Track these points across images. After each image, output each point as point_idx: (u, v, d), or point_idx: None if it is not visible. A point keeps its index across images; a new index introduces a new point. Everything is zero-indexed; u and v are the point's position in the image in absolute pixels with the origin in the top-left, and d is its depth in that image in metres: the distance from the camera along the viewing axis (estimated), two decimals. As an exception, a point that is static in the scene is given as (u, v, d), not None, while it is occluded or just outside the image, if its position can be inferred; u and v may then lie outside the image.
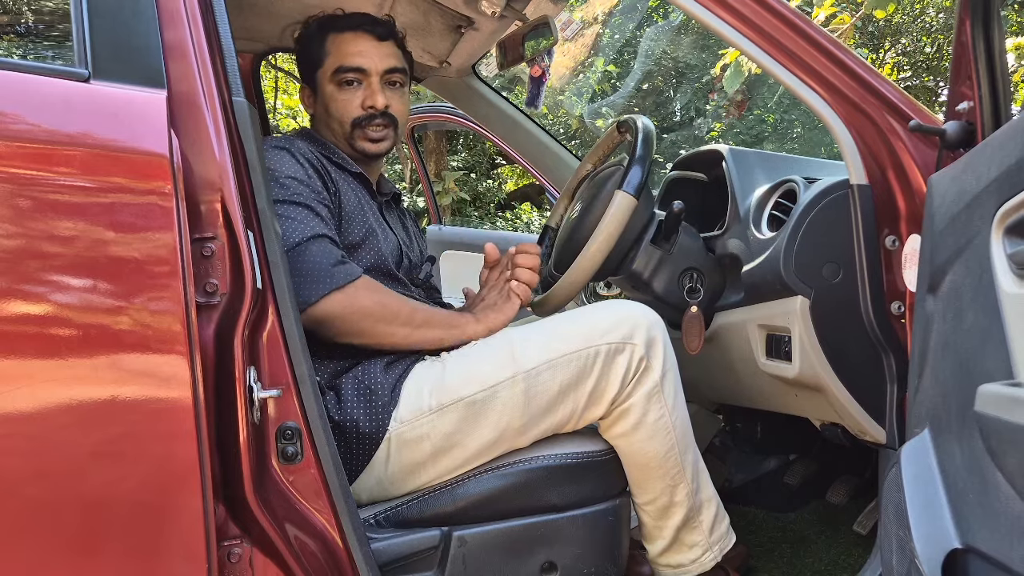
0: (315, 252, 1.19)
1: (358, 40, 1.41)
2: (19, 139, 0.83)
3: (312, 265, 1.18)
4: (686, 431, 1.27)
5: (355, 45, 1.41)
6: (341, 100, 1.41)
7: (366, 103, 1.40)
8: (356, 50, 1.40)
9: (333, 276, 1.19)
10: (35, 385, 0.81)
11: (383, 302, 1.25)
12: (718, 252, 1.53)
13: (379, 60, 1.41)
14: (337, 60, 1.40)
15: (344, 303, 1.19)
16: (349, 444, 1.19)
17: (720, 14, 1.22)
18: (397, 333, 1.25)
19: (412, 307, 1.28)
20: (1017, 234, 0.72)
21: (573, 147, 3.20)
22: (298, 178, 1.25)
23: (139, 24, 0.93)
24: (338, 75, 1.40)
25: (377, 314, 1.23)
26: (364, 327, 1.22)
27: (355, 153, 1.43)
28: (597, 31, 8.69)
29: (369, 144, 1.42)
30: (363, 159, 1.45)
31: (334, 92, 1.41)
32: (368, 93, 1.40)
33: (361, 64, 1.40)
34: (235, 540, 0.96)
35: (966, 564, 0.74)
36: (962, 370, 0.81)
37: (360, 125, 1.41)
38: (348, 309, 1.20)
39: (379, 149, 1.43)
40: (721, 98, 8.24)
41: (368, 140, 1.42)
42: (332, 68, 1.41)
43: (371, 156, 1.44)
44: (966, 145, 1.06)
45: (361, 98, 1.40)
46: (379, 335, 1.24)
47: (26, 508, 0.82)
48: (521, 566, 1.19)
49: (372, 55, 1.41)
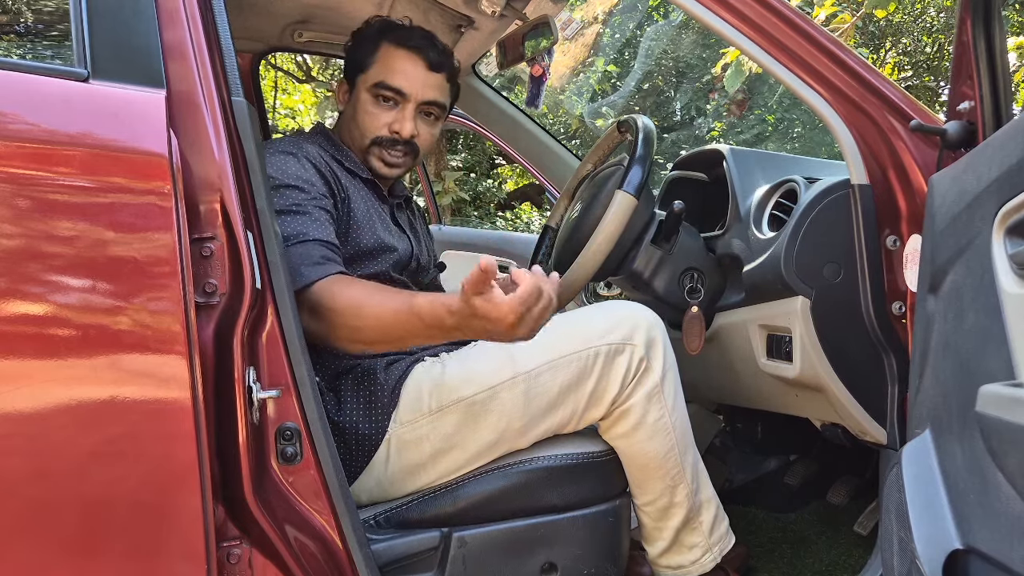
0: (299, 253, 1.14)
1: (410, 61, 1.35)
2: (19, 139, 0.83)
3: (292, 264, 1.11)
4: (686, 431, 1.27)
5: (405, 64, 1.35)
6: (371, 113, 1.35)
7: (393, 126, 1.35)
8: (403, 70, 1.34)
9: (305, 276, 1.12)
10: (35, 385, 0.81)
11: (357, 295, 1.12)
12: (719, 252, 1.53)
13: (422, 89, 1.35)
14: (381, 73, 1.35)
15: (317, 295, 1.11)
16: (349, 445, 1.19)
17: (720, 13, 1.21)
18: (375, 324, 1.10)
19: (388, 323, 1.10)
20: (1018, 234, 0.72)
21: (573, 147, 3.20)
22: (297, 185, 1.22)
23: (139, 24, 0.93)
24: (377, 88, 1.34)
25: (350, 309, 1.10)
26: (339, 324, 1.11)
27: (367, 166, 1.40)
28: (597, 31, 8.69)
29: (382, 166, 1.38)
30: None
31: (367, 103, 1.36)
32: (400, 117, 1.35)
33: (403, 87, 1.34)
34: (234, 541, 0.95)
35: (967, 565, 0.74)
36: (963, 370, 0.80)
37: (380, 144, 1.36)
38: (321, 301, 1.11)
39: (391, 174, 1.40)
40: (722, 98, 8.25)
41: (383, 162, 1.38)
42: (374, 79, 1.35)
43: (379, 177, 1.40)
44: (967, 145, 1.06)
45: (391, 119, 1.35)
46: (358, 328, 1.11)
47: (26, 508, 0.82)
48: (521, 567, 1.19)
49: (418, 81, 1.35)
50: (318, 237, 1.17)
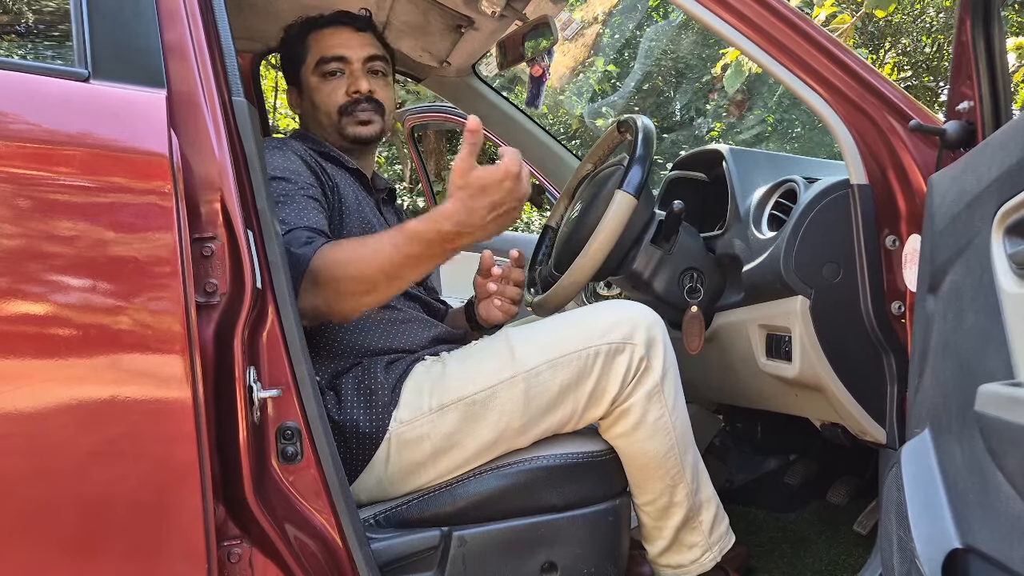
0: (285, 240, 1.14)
1: (337, 33, 1.45)
2: (19, 139, 0.83)
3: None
4: (686, 431, 1.27)
5: (335, 38, 1.45)
6: (326, 90, 1.44)
7: (350, 89, 1.43)
8: (336, 41, 1.44)
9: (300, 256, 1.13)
10: (35, 385, 0.81)
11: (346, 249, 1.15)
12: (718, 252, 1.53)
13: (359, 49, 1.45)
14: (318, 52, 1.44)
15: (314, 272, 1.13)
16: (349, 444, 1.19)
17: (720, 14, 1.21)
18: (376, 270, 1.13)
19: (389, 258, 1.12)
20: (1017, 234, 0.72)
21: (573, 147, 3.20)
22: (285, 176, 1.26)
23: (139, 24, 0.93)
24: (320, 66, 1.44)
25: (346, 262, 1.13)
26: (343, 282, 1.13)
27: (346, 143, 1.45)
28: (597, 31, 8.69)
29: (359, 127, 1.44)
30: (356, 149, 1.46)
31: (318, 84, 1.45)
32: (352, 80, 1.44)
33: (342, 53, 1.44)
34: (235, 540, 0.96)
35: (966, 564, 0.74)
36: (962, 370, 0.80)
37: (347, 112, 1.43)
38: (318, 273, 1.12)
39: (369, 132, 1.45)
40: (721, 98, 8.25)
41: (358, 123, 1.44)
42: (314, 61, 1.44)
43: (363, 140, 1.45)
44: (966, 145, 1.06)
45: (345, 85, 1.44)
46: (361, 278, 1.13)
47: (26, 508, 0.82)
48: (521, 566, 1.19)
49: (352, 44, 1.45)
50: (302, 224, 1.20)
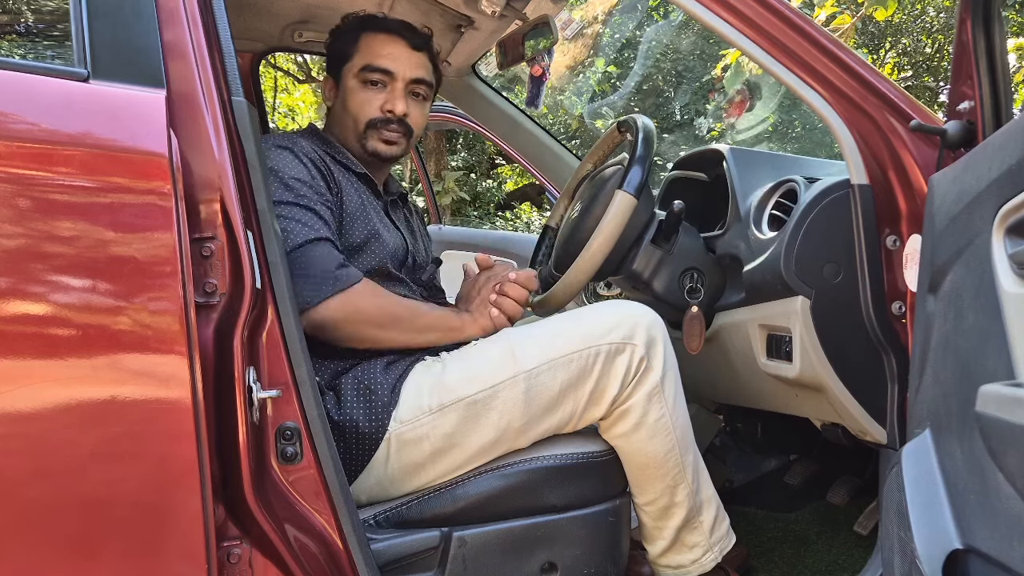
0: (317, 255, 1.19)
1: (391, 43, 1.40)
2: (19, 139, 0.83)
3: (314, 268, 1.18)
4: (686, 431, 1.27)
5: (387, 47, 1.39)
6: (362, 98, 1.39)
7: (385, 106, 1.38)
8: (387, 52, 1.39)
9: (336, 279, 1.19)
10: (35, 385, 0.81)
11: (383, 307, 1.25)
12: (719, 252, 1.53)
13: (408, 67, 1.39)
14: (366, 58, 1.39)
15: (345, 307, 1.19)
16: (349, 444, 1.19)
17: (720, 13, 1.21)
18: (397, 339, 1.26)
19: (413, 312, 1.28)
20: (1018, 234, 0.72)
21: (573, 147, 3.20)
22: (302, 179, 1.25)
23: (139, 24, 0.93)
24: (364, 72, 1.38)
25: (378, 319, 1.23)
26: (365, 333, 1.23)
27: (364, 154, 1.42)
28: (597, 31, 8.68)
29: (382, 145, 1.40)
30: (371, 162, 1.43)
31: (356, 88, 1.39)
32: (390, 97, 1.39)
33: (389, 66, 1.38)
34: (235, 541, 0.95)
35: (967, 565, 0.74)
36: (963, 370, 0.80)
37: (375, 126, 1.39)
38: (349, 312, 1.20)
39: (391, 152, 1.41)
40: (721, 98, 8.24)
41: (382, 141, 1.40)
42: (360, 65, 1.39)
43: (382, 159, 1.42)
44: (967, 145, 1.06)
45: (382, 100, 1.39)
46: (379, 340, 1.24)
47: (26, 508, 0.82)
48: (521, 566, 1.19)
49: (402, 60, 1.39)
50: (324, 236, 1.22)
